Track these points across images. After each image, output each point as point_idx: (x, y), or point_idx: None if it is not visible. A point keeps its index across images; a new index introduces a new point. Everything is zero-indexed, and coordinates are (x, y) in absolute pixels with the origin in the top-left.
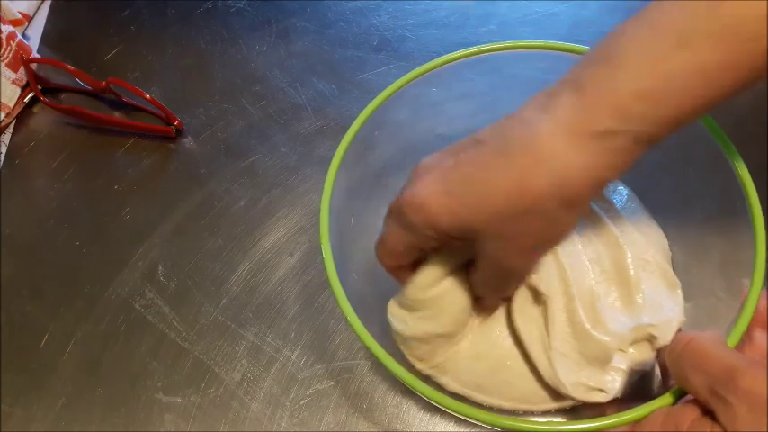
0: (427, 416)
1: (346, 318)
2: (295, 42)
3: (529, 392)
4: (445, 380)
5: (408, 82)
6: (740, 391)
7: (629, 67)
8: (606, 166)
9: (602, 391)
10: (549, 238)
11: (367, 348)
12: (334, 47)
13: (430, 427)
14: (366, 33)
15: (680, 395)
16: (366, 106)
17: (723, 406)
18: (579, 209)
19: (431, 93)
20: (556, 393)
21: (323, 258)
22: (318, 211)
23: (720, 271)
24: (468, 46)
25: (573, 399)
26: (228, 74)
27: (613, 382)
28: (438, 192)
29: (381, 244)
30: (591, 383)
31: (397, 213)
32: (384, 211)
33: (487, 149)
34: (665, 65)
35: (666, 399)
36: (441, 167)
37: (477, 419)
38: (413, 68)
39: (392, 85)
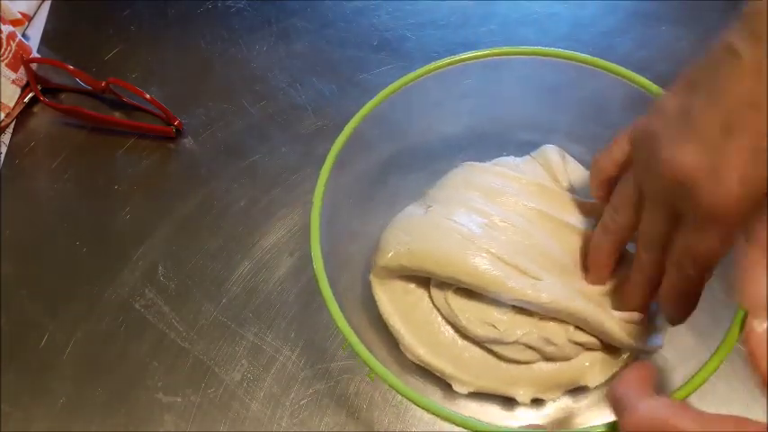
0: (427, 416)
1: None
2: (295, 42)
3: (549, 372)
4: (459, 386)
5: (407, 84)
6: None
7: None
8: None
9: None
10: None
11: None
12: (334, 47)
13: (430, 428)
14: (366, 33)
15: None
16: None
17: None
18: None
19: (431, 92)
20: (578, 364)
21: (314, 270)
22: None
23: (720, 272)
24: (468, 46)
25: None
26: (228, 74)
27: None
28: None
29: (685, 250)
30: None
31: (702, 214)
32: (384, 211)
33: None
34: None
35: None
36: (736, 153)
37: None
38: (413, 68)
39: (390, 86)
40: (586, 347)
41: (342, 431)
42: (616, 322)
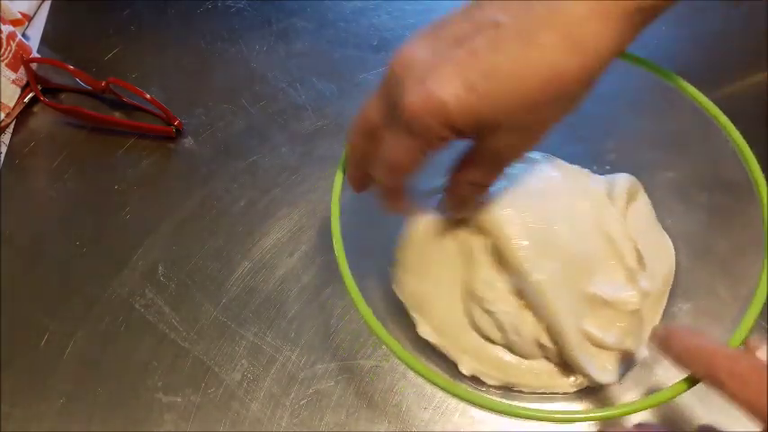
0: (427, 416)
1: (360, 311)
2: (295, 42)
3: (500, 358)
4: (424, 329)
5: None
6: None
7: None
8: (628, 38)
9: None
10: (557, 118)
11: (386, 345)
12: (334, 47)
13: (430, 427)
14: (366, 33)
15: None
16: None
17: None
18: (595, 83)
19: None
20: (529, 366)
21: (335, 255)
22: (323, 210)
23: (722, 272)
24: None
25: None
26: (228, 74)
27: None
28: (459, 88)
29: (384, 160)
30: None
31: (403, 121)
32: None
33: (509, 32)
34: None
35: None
36: (456, 59)
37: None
38: None
39: None
40: (545, 355)
41: (342, 431)
42: (578, 341)
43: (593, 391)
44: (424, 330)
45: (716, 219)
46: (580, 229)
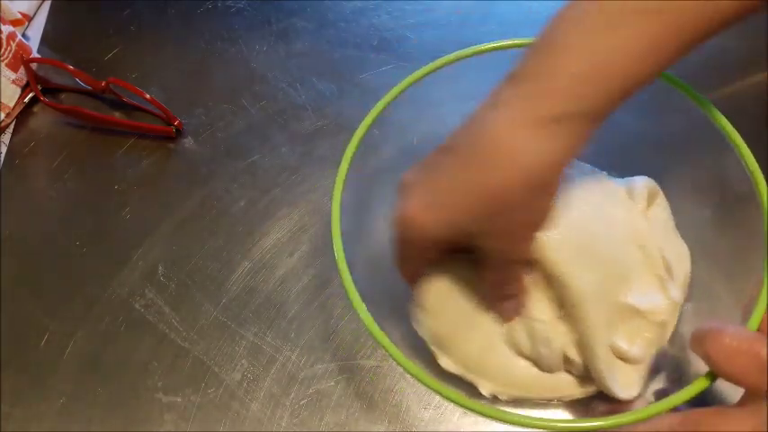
0: (427, 415)
1: (359, 316)
2: (295, 42)
3: (522, 377)
4: (445, 361)
5: (415, 81)
6: None
7: (568, 51)
8: (565, 146)
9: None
10: (534, 223)
11: (383, 348)
12: (334, 47)
13: (430, 427)
14: (366, 33)
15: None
16: (368, 106)
17: None
18: (552, 188)
19: (431, 92)
20: (550, 380)
21: (336, 260)
22: (323, 210)
23: (723, 273)
24: (469, 46)
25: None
26: (228, 74)
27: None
28: (423, 206)
29: (395, 256)
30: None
31: (396, 230)
32: (385, 210)
33: (457, 158)
34: (600, 45)
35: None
36: (422, 183)
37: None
38: (413, 68)
39: (399, 85)
40: (567, 368)
41: (342, 431)
42: (607, 357)
43: (594, 399)
44: (446, 363)
45: (717, 219)
46: (615, 236)
